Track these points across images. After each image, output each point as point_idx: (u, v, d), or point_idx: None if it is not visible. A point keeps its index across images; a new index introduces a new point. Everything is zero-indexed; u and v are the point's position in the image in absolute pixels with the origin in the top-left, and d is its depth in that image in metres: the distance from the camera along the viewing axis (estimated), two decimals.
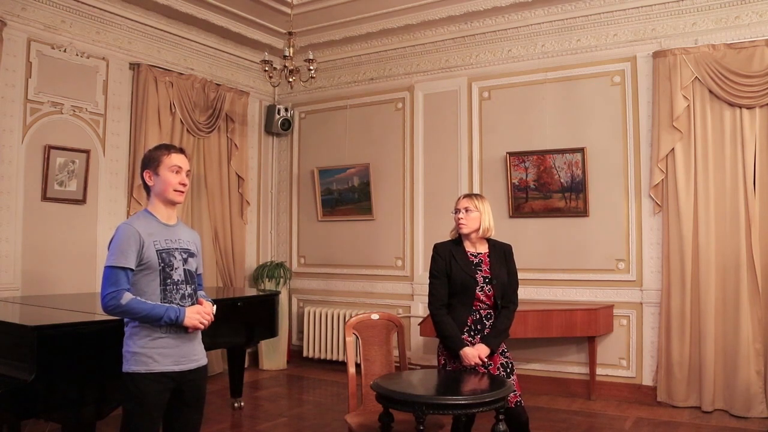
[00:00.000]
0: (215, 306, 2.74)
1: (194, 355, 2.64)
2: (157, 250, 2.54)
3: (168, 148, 2.67)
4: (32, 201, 5.05)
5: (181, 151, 2.69)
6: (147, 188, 2.67)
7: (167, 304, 2.53)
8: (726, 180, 5.02)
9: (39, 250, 5.06)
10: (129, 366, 2.51)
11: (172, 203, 2.66)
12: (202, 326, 2.61)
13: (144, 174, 2.65)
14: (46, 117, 5.15)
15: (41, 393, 2.90)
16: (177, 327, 2.54)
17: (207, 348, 2.69)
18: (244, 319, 4.78)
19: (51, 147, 5.11)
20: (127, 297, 2.44)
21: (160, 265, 2.54)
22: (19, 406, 2.86)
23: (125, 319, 2.57)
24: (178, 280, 2.59)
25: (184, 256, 2.64)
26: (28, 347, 2.92)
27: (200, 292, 2.76)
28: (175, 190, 2.62)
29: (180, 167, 2.63)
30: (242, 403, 5.21)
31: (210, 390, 5.72)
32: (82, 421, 3.04)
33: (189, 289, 2.63)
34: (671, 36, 5.31)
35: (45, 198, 5.11)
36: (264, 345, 6.73)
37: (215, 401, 5.40)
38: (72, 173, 5.28)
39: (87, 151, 5.38)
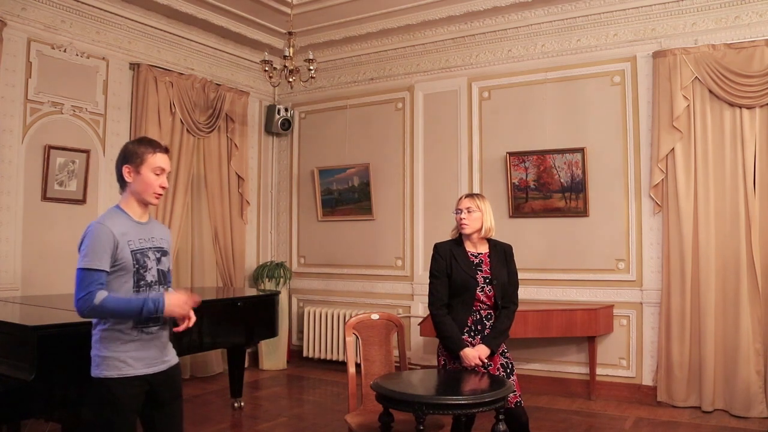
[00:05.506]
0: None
1: (165, 356, 2.56)
2: (131, 251, 2.41)
3: (153, 147, 2.50)
4: (32, 201, 5.05)
5: (167, 150, 2.55)
6: (122, 183, 2.51)
7: (143, 296, 2.40)
8: (726, 180, 5.02)
9: (39, 250, 5.06)
10: (101, 371, 2.40)
11: (147, 204, 2.53)
12: (187, 316, 2.46)
13: (123, 168, 2.48)
14: (46, 117, 5.15)
15: (41, 393, 2.90)
16: (149, 326, 2.44)
17: (207, 348, 2.67)
18: (244, 319, 4.78)
19: (51, 147, 5.11)
20: (100, 296, 2.31)
21: (134, 267, 2.41)
22: (19, 405, 2.86)
23: (93, 321, 2.46)
24: (152, 281, 2.48)
25: (158, 255, 2.53)
26: (28, 347, 2.92)
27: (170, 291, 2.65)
28: (155, 193, 2.49)
29: (163, 169, 2.49)
30: (242, 403, 5.20)
31: (210, 390, 5.76)
32: (82, 421, 3.04)
33: (162, 290, 2.52)
34: (671, 36, 5.31)
35: (45, 198, 5.12)
36: (264, 345, 6.73)
37: (215, 401, 5.40)
38: (72, 173, 5.28)
39: (87, 151, 5.38)
